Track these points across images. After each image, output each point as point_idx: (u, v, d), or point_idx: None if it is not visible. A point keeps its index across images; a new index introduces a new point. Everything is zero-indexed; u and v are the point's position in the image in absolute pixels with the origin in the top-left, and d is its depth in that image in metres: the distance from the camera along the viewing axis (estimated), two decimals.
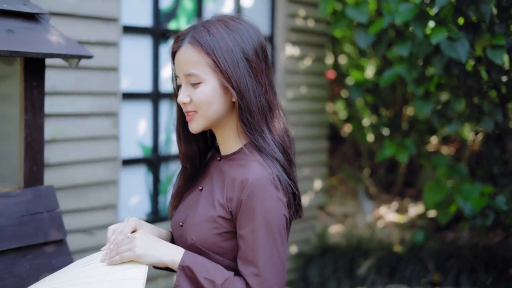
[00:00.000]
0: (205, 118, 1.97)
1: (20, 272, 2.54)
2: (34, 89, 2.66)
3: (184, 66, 1.96)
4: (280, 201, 1.91)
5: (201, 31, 1.95)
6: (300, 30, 6.01)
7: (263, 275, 1.88)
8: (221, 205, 1.96)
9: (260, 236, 1.88)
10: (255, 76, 1.96)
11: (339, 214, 6.60)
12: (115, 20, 4.40)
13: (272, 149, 1.95)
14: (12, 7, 2.56)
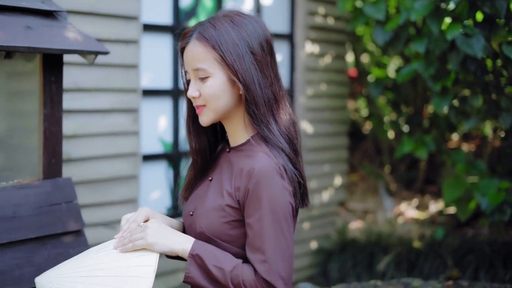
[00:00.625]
0: (214, 111, 2.03)
1: (39, 260, 2.63)
2: (52, 84, 2.75)
3: (192, 61, 2.03)
4: (286, 189, 1.96)
5: (208, 26, 2.02)
6: (319, 27, 6.06)
7: (270, 261, 1.94)
8: (229, 194, 2.02)
9: (266, 224, 1.94)
10: (260, 69, 2.01)
11: (360, 211, 6.65)
12: (135, 18, 4.49)
13: (278, 140, 2.01)
14: (30, 5, 2.65)
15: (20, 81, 2.94)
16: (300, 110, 5.96)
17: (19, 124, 2.94)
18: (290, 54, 5.96)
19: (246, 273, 1.96)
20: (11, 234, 2.55)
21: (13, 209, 2.58)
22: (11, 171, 2.78)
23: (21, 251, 2.58)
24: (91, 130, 4.28)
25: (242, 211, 2.00)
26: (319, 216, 6.22)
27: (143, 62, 4.63)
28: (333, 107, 6.28)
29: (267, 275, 1.93)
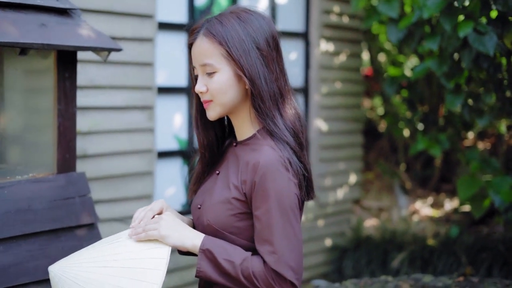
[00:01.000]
0: (221, 105, 2.07)
1: (53, 253, 2.68)
2: (66, 80, 2.81)
3: (199, 56, 2.07)
4: (291, 181, 1.98)
5: (215, 23, 2.06)
6: (334, 26, 6.10)
7: (279, 252, 1.96)
8: (235, 187, 2.05)
9: (274, 215, 1.97)
10: (266, 64, 2.05)
11: (375, 209, 6.67)
12: (150, 17, 4.55)
13: (283, 133, 2.04)
14: (45, 3, 2.71)
15: (36, 79, 3.01)
16: (315, 108, 6.00)
17: (35, 121, 3.01)
18: (305, 52, 6.00)
19: (256, 264, 2.00)
20: (26, 226, 2.61)
21: (28, 202, 2.64)
22: (27, 165, 2.84)
23: (35, 243, 2.64)
24: (107, 126, 4.34)
25: (249, 204, 2.04)
26: (333, 213, 6.26)
27: (158, 60, 4.69)
28: (347, 105, 6.32)
29: (276, 265, 1.96)
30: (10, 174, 2.72)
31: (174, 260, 4.76)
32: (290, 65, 5.93)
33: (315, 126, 6.02)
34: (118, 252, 2.09)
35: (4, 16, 2.55)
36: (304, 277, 5.95)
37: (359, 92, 6.50)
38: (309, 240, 6.03)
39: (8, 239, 2.56)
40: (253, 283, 1.98)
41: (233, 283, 2.01)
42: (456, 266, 5.34)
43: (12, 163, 2.84)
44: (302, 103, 6.04)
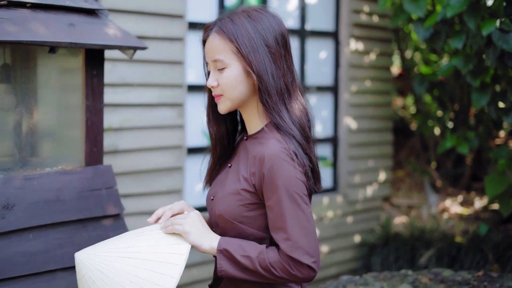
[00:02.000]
0: (231, 100, 2.18)
1: (80, 241, 2.82)
2: (94, 77, 2.95)
3: (211, 53, 2.19)
4: (298, 170, 2.07)
5: (226, 21, 2.17)
6: (364, 25, 6.17)
7: (292, 238, 2.04)
8: (245, 179, 2.15)
9: (284, 204, 2.06)
10: (274, 60, 2.15)
11: (404, 206, 6.72)
12: (181, 17, 4.69)
13: (289, 127, 2.13)
14: (74, 4, 2.85)
15: (67, 77, 3.14)
16: (344, 106, 6.08)
17: (65, 116, 3.14)
18: (335, 51, 6.08)
19: (271, 255, 2.09)
20: (55, 216, 2.75)
21: (57, 193, 2.78)
22: (56, 158, 2.98)
23: (63, 232, 2.78)
24: (138, 123, 4.49)
25: (259, 195, 2.13)
26: (363, 210, 6.33)
27: (188, 58, 4.82)
28: (377, 103, 6.38)
29: (291, 251, 2.04)
30: (40, 166, 2.87)
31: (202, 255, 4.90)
32: (320, 64, 6.02)
33: (344, 124, 6.10)
34: (141, 245, 2.21)
35: (35, 17, 2.70)
36: (333, 272, 6.03)
37: (389, 91, 6.56)
38: (338, 236, 6.11)
39: (37, 228, 2.70)
40: (271, 273, 2.07)
41: (254, 277, 2.10)
42: (483, 263, 5.38)
43: (43, 156, 2.98)
44: (331, 102, 6.12)
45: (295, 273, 2.06)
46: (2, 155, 2.86)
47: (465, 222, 6.28)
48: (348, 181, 6.17)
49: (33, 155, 2.96)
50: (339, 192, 6.19)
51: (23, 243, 2.65)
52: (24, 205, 2.67)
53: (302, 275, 2.06)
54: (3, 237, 2.59)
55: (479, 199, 6.77)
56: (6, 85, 2.86)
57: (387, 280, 3.65)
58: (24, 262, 2.63)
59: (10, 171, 2.77)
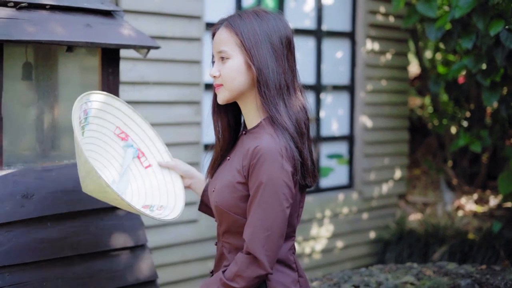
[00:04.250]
0: (229, 90, 2.28)
1: (95, 230, 2.98)
2: (110, 75, 3.12)
3: (217, 44, 2.31)
4: (284, 169, 2.14)
5: (236, 17, 2.31)
6: (380, 25, 6.29)
7: (251, 238, 2.13)
8: (238, 171, 2.24)
9: (259, 197, 2.14)
10: (275, 58, 2.27)
11: (420, 204, 6.82)
12: (198, 18, 4.85)
13: (283, 120, 2.21)
14: (91, 5, 3.02)
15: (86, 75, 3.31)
16: (360, 105, 6.20)
17: None
18: (351, 51, 6.21)
19: (229, 269, 2.19)
20: (71, 205, 2.91)
21: (73, 184, 2.94)
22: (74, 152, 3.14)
23: (79, 220, 2.94)
24: (157, 120, 4.65)
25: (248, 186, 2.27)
26: (378, 207, 6.44)
27: (205, 58, 4.98)
28: (393, 102, 6.49)
29: (249, 241, 2.13)
30: (59, 159, 3.04)
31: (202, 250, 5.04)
32: (336, 64, 6.15)
33: (360, 122, 6.22)
34: None
35: (53, 18, 2.86)
36: (347, 267, 6.15)
37: (405, 90, 6.67)
38: (353, 232, 6.24)
39: (55, 216, 2.86)
40: (235, 276, 2.16)
41: None
42: (494, 259, 5.47)
43: (61, 150, 3.14)
44: (347, 100, 6.25)
45: (250, 266, 2.14)
46: (23, 148, 3.02)
47: (479, 220, 6.36)
48: (363, 179, 6.29)
49: (52, 148, 3.12)
50: (354, 189, 6.31)
51: (42, 230, 2.81)
52: (43, 195, 2.83)
53: (252, 271, 2.13)
54: (22, 225, 2.76)
55: (494, 197, 6.84)
56: (28, 83, 3.02)
57: (392, 272, 3.77)
58: (42, 248, 2.80)
59: (30, 163, 2.94)
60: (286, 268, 2.31)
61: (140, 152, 2.74)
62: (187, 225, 4.85)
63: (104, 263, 2.99)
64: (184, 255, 4.94)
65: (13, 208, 2.74)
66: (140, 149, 2.74)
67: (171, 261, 4.85)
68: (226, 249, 2.34)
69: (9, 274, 2.71)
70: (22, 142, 3.03)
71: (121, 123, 2.68)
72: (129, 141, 2.71)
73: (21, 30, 2.70)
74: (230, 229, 2.30)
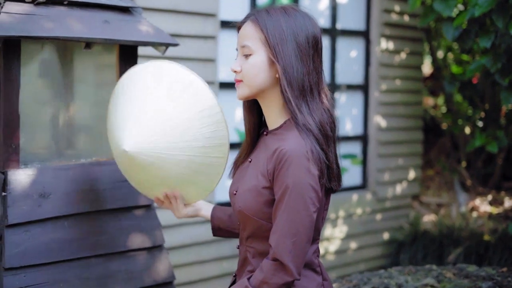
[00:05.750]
0: (249, 87, 2.20)
1: (112, 230, 2.93)
2: None
3: (241, 38, 2.24)
4: (310, 172, 2.08)
5: (263, 12, 2.24)
6: (395, 24, 6.23)
7: (277, 244, 2.07)
8: (263, 175, 2.17)
9: (285, 202, 2.07)
10: (301, 57, 2.19)
11: (434, 204, 6.76)
12: (213, 16, 4.80)
13: (307, 121, 2.14)
14: (109, 1, 2.97)
15: (102, 72, 3.26)
16: (374, 105, 6.14)
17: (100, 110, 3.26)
18: (365, 50, 6.15)
19: (254, 276, 2.14)
20: (89, 205, 2.86)
21: (91, 183, 2.90)
22: (91, 150, 3.10)
23: (96, 220, 2.89)
24: None
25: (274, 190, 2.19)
26: (392, 208, 6.39)
27: (220, 56, 4.93)
28: (407, 102, 6.44)
29: (275, 247, 2.07)
30: (76, 158, 2.99)
31: (232, 247, 5.01)
32: (350, 63, 6.09)
33: (374, 122, 6.16)
34: None
35: (71, 14, 2.82)
36: (361, 269, 6.10)
37: (419, 90, 6.61)
38: (367, 233, 6.18)
39: (72, 216, 2.81)
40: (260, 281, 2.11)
41: None
42: (511, 261, 5.40)
43: (78, 148, 3.10)
44: (361, 100, 6.19)
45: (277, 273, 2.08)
46: (39, 147, 2.98)
47: (494, 221, 6.30)
48: (377, 179, 6.23)
49: (69, 147, 3.08)
50: (368, 190, 6.25)
51: (59, 230, 2.77)
52: (60, 194, 2.79)
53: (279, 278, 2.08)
54: (39, 224, 2.71)
55: (508, 198, 6.78)
56: (45, 80, 2.98)
57: (412, 274, 3.71)
58: (59, 248, 2.75)
59: (46, 161, 2.90)
60: (311, 271, 2.25)
61: None
62: (202, 225, 4.80)
63: (122, 264, 2.94)
64: (200, 255, 4.88)
65: (30, 208, 2.69)
66: None
67: (187, 261, 4.80)
68: (250, 254, 2.28)
69: (25, 275, 2.67)
70: (38, 140, 2.99)
71: None
72: None
73: (39, 26, 2.66)
74: (255, 234, 2.24)
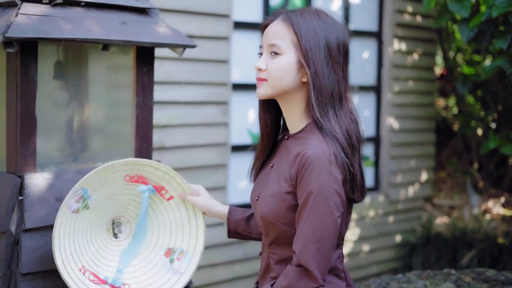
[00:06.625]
0: (273, 87, 2.16)
1: None
2: (144, 75, 3.02)
3: (270, 36, 2.18)
4: (334, 177, 2.03)
5: (296, 13, 2.18)
6: (407, 25, 6.18)
7: (302, 250, 2.03)
8: (286, 180, 2.13)
9: (309, 204, 2.03)
10: (332, 65, 2.13)
11: (446, 207, 6.71)
12: (226, 16, 4.76)
13: (334, 129, 2.09)
14: (126, 3, 2.93)
15: (117, 74, 3.23)
16: (387, 106, 6.10)
17: (115, 113, 3.23)
18: (378, 51, 6.10)
19: (278, 283, 2.10)
20: None
21: None
22: (107, 153, 3.06)
23: None
24: (184, 120, 4.57)
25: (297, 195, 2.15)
26: (404, 210, 6.34)
27: (233, 57, 4.89)
28: (420, 103, 6.39)
29: (300, 253, 2.03)
30: (92, 161, 2.95)
31: (244, 251, 4.97)
32: (363, 64, 6.04)
33: (386, 123, 6.12)
34: None
35: (89, 15, 2.77)
36: (373, 272, 6.05)
37: (432, 91, 6.56)
38: (379, 236, 6.13)
39: None
40: None
41: None
42: None
43: (94, 151, 3.06)
44: (374, 101, 6.15)
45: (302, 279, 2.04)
46: (55, 150, 2.94)
47: (508, 223, 6.25)
48: (389, 181, 6.19)
49: (85, 150, 3.04)
50: (380, 192, 6.21)
51: None
52: None
53: (304, 284, 2.04)
54: None
55: None
56: (59, 82, 2.94)
57: (430, 279, 3.67)
58: None
59: (62, 165, 2.86)
60: (335, 277, 2.21)
61: (158, 187, 2.64)
62: (214, 228, 4.76)
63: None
64: (212, 259, 4.84)
65: (48, 212, 2.65)
66: (158, 184, 2.64)
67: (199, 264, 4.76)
68: (273, 260, 2.24)
69: (42, 280, 2.63)
70: (54, 143, 2.95)
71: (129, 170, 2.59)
72: (141, 186, 2.61)
73: (57, 28, 2.61)
74: (278, 240, 2.20)
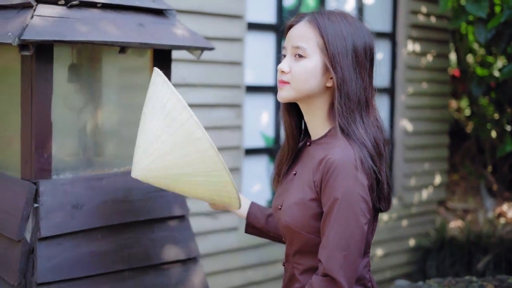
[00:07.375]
0: (296, 91, 2.08)
1: (146, 242, 2.82)
2: None
3: (295, 38, 2.10)
4: (360, 182, 1.96)
5: (322, 15, 2.09)
6: (421, 26, 6.11)
7: (328, 258, 1.96)
8: (310, 187, 2.06)
9: (335, 211, 1.96)
10: (359, 70, 2.06)
11: (460, 210, 6.63)
12: (240, 17, 4.69)
13: (362, 136, 2.02)
14: (143, 4, 2.85)
15: (132, 76, 3.15)
16: (401, 108, 6.02)
17: (131, 116, 3.15)
18: (392, 52, 6.03)
19: None
20: (122, 216, 2.74)
21: (124, 193, 2.78)
22: (123, 159, 2.98)
23: (130, 232, 2.78)
24: None
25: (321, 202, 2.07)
26: (418, 214, 6.26)
27: (247, 59, 4.82)
28: (434, 105, 6.31)
29: (326, 262, 1.96)
30: (108, 166, 2.87)
31: (258, 256, 4.89)
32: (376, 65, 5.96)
33: (400, 126, 6.04)
34: None
35: (105, 17, 2.70)
36: (387, 276, 5.97)
37: (446, 93, 6.48)
38: (393, 240, 6.05)
39: (105, 228, 2.69)
40: None
41: None
42: None
43: (110, 156, 2.99)
44: (387, 103, 6.07)
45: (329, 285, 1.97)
46: (70, 155, 2.87)
47: None
48: (403, 184, 6.11)
49: (100, 155, 2.97)
50: (394, 195, 6.13)
51: (92, 243, 2.65)
52: (93, 205, 2.67)
53: None
54: (73, 237, 2.60)
55: None
56: (74, 85, 2.87)
57: (452, 286, 3.59)
58: (93, 262, 2.63)
59: (78, 171, 2.78)
60: (362, 287, 2.13)
61: None
62: (227, 233, 4.68)
63: (156, 278, 2.82)
64: (225, 264, 4.77)
65: (64, 220, 2.57)
66: None
67: (212, 270, 4.68)
68: (297, 271, 2.16)
69: None
70: (69, 148, 2.87)
71: None
72: None
73: (73, 30, 2.54)
74: (302, 249, 2.12)
